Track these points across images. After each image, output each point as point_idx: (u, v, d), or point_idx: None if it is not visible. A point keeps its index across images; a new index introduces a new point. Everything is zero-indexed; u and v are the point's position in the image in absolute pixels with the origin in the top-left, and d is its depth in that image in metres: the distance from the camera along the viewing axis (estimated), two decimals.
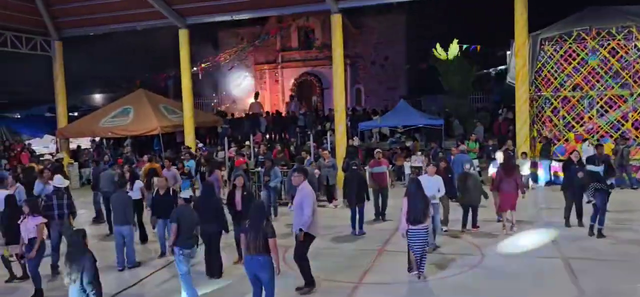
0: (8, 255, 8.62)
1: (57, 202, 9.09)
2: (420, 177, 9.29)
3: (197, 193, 12.13)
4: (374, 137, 22.41)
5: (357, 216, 11.04)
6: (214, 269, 8.54)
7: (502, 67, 25.12)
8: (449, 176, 10.83)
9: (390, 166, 17.49)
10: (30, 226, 8.00)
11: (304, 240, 7.55)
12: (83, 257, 5.84)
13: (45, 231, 8.41)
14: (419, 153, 17.13)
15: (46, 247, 8.40)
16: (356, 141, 18.80)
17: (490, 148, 16.38)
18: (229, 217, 9.04)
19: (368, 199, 11.34)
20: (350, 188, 11.16)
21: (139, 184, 11.27)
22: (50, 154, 22.10)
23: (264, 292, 6.49)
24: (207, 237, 8.48)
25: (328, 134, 19.90)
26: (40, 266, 8.09)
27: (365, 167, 12.94)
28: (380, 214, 12.16)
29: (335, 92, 17.35)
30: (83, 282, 5.72)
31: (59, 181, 9.63)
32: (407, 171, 16.96)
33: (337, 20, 16.92)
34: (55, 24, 21.62)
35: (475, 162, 16.33)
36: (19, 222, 8.12)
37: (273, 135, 24.52)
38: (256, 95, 31.25)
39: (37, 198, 10.11)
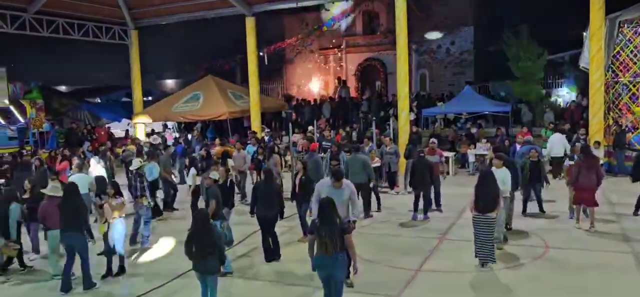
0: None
1: (133, 184, 9.84)
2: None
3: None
4: (438, 123, 22.10)
5: (422, 203, 11.09)
6: (274, 252, 8.81)
7: (577, 51, 23.92)
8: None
9: (454, 153, 17.32)
10: (113, 205, 8.60)
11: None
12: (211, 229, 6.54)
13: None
14: (484, 140, 16.79)
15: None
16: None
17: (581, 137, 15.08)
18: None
19: (434, 187, 11.30)
20: (418, 175, 11.18)
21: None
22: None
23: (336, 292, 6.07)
24: (264, 222, 8.73)
25: (391, 120, 19.85)
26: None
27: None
28: (435, 203, 12.13)
29: (399, 77, 17.28)
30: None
31: (135, 164, 10.36)
32: (471, 158, 16.71)
33: (401, 4, 16.79)
34: (132, 14, 22.89)
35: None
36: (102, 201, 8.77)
37: (336, 121, 24.73)
38: (340, 81, 31.48)
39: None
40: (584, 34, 18.17)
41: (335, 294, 6.05)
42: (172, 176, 13.46)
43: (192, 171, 12.34)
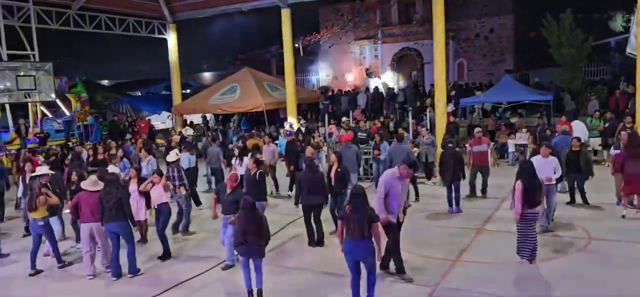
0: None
1: (170, 174, 10.11)
2: (533, 159, 8.95)
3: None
4: (476, 113, 21.70)
5: (453, 194, 10.96)
6: (317, 237, 9.06)
7: (623, 36, 23.00)
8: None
9: (493, 143, 16.98)
10: (160, 192, 8.92)
11: (388, 229, 7.34)
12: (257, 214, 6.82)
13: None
14: (524, 130, 16.40)
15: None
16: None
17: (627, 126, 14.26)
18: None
19: (463, 177, 11.15)
20: (445, 166, 11.06)
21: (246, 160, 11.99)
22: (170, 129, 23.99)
23: (367, 277, 6.33)
24: (309, 209, 8.98)
25: (428, 110, 19.61)
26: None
27: (465, 145, 12.69)
28: (482, 191, 12.00)
29: (436, 66, 17.04)
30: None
31: (172, 156, 10.61)
32: (511, 148, 16.35)
33: None
34: (170, 8, 23.36)
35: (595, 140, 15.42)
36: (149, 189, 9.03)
37: (372, 111, 24.61)
38: (368, 72, 31.42)
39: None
40: (631, 18, 17.47)
41: (368, 277, 6.31)
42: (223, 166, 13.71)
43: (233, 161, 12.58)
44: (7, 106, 19.34)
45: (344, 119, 19.06)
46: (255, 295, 6.85)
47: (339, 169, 9.56)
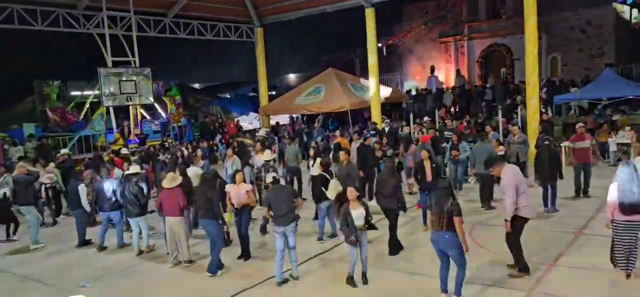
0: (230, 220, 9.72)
1: (264, 174, 10.36)
2: (636, 160, 8.29)
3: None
4: (572, 110, 20.47)
5: (549, 193, 10.44)
6: (393, 244, 8.71)
7: None
8: None
9: (593, 141, 15.93)
10: (241, 193, 9.06)
11: (512, 225, 7.22)
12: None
13: (253, 197, 9.54)
14: (627, 128, 15.25)
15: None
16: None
17: None
18: None
19: (561, 177, 10.59)
20: (541, 164, 10.55)
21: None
22: (255, 129, 24.81)
23: (456, 269, 6.45)
24: (386, 212, 8.78)
25: (519, 108, 18.78)
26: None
27: (561, 143, 12.03)
28: (582, 192, 11.37)
29: (527, 62, 16.28)
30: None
31: (265, 156, 10.97)
32: (612, 148, 15.27)
33: None
34: (258, 12, 24.16)
35: None
36: (226, 189, 9.24)
37: (458, 110, 23.98)
38: (432, 69, 30.79)
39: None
40: None
41: (457, 273, 6.44)
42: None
43: (318, 160, 12.70)
44: (112, 109, 20.92)
45: (426, 118, 18.72)
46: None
47: (433, 165, 9.55)
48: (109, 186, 10.07)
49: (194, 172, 10.62)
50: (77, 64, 27.07)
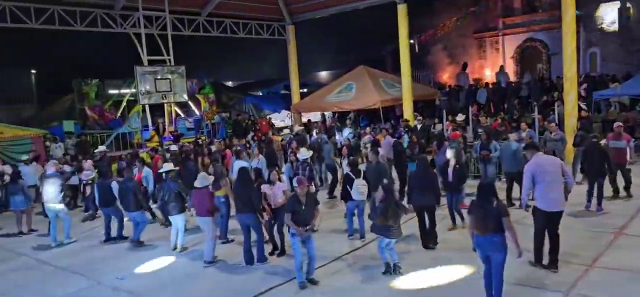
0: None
1: (301, 172, 10.39)
2: None
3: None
4: (612, 107, 19.84)
5: (595, 191, 10.20)
6: (431, 238, 8.83)
7: None
8: None
9: (634, 140, 15.42)
10: (277, 192, 9.12)
11: (534, 216, 7.32)
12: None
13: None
14: None
15: None
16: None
17: None
18: None
19: (611, 172, 10.40)
20: (590, 162, 10.29)
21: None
22: (288, 127, 24.97)
23: (493, 275, 6.23)
24: (422, 210, 8.75)
25: (556, 105, 18.32)
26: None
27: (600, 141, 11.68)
28: (625, 189, 11.11)
29: (565, 57, 15.86)
30: None
31: (303, 154, 11.00)
32: None
33: None
34: (289, 10, 24.25)
35: None
36: (262, 189, 9.33)
37: (492, 107, 23.56)
38: (464, 66, 30.31)
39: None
40: None
41: (494, 275, 6.17)
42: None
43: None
44: (147, 107, 21.36)
45: (459, 115, 18.45)
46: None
47: (457, 166, 9.41)
48: (115, 185, 10.39)
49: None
50: (114, 63, 27.73)
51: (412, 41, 26.11)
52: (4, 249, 10.98)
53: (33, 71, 43.56)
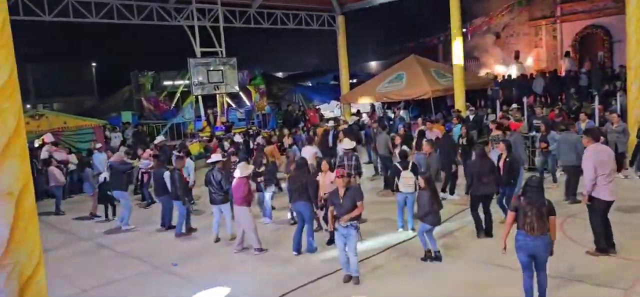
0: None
1: (346, 162, 10.40)
2: None
3: None
4: None
5: None
6: (486, 228, 8.78)
7: None
8: None
9: None
10: (327, 181, 9.20)
11: (591, 204, 7.22)
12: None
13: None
14: None
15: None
16: None
17: None
18: None
19: None
20: None
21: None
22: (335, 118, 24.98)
23: (537, 275, 5.98)
24: (479, 199, 8.73)
25: (618, 94, 17.47)
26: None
27: None
28: None
29: (629, 45, 15.02)
30: None
31: (346, 144, 11.01)
32: None
33: None
34: (339, 0, 24.16)
35: None
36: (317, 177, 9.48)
37: (548, 97, 22.71)
38: (517, 55, 29.28)
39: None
40: None
41: (540, 275, 5.95)
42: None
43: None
44: (200, 98, 21.91)
45: (513, 106, 17.88)
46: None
47: (508, 159, 9.15)
48: (167, 175, 10.65)
49: (311, 153, 11.45)
50: (169, 55, 28.58)
51: (464, 30, 25.51)
52: (67, 233, 11.57)
53: (93, 65, 45.58)
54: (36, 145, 15.83)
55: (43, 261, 4.52)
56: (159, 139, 16.17)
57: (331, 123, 17.41)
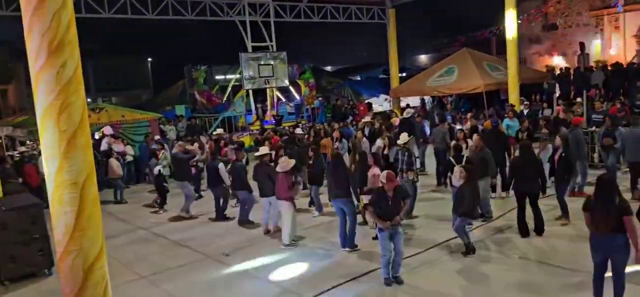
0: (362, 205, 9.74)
1: (400, 158, 10.30)
2: None
3: None
4: None
5: None
6: (537, 225, 8.49)
7: None
8: None
9: None
10: (370, 176, 9.20)
11: None
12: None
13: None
14: None
15: None
16: None
17: None
18: None
19: None
20: None
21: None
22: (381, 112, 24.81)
23: (613, 278, 5.56)
24: (522, 196, 8.48)
25: None
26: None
27: None
28: None
29: None
30: None
31: (403, 138, 10.84)
32: None
33: None
34: None
35: None
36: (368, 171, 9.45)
37: (609, 91, 21.66)
38: (582, 46, 28.02)
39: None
40: None
41: (616, 279, 5.53)
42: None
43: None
44: (251, 92, 22.26)
45: (578, 99, 17.15)
46: None
47: (563, 154, 8.86)
48: (221, 167, 10.98)
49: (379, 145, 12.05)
50: (221, 50, 29.18)
51: (519, 21, 24.72)
52: (124, 222, 12.06)
53: (149, 59, 47.18)
54: (97, 137, 16.57)
55: (105, 247, 4.73)
56: (218, 131, 16.52)
57: (367, 119, 17.20)
